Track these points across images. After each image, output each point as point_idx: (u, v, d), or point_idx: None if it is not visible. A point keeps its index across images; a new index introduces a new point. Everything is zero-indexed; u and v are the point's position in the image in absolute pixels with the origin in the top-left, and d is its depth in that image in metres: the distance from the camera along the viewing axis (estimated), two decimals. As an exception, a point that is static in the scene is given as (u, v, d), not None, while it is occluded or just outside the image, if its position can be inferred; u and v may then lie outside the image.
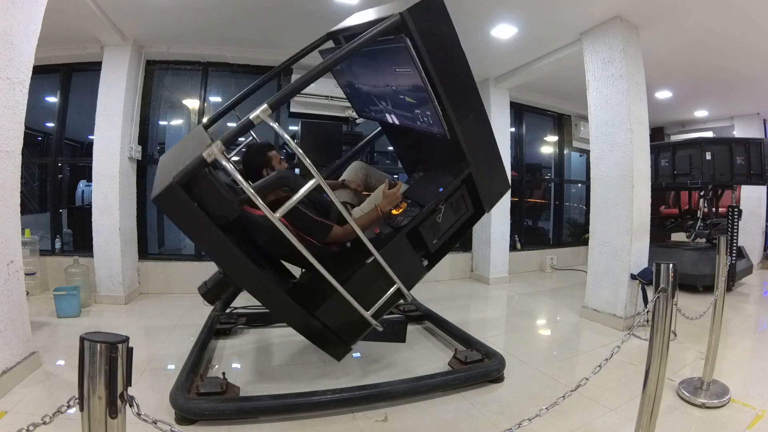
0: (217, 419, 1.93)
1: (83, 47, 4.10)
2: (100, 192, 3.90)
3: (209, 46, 4.29)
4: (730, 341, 3.09)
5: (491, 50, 4.34)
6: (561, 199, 6.91)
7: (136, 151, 4.18)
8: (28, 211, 4.24)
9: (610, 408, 2.11)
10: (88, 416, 0.82)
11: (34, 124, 4.42)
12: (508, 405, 2.17)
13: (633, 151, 3.38)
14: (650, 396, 1.51)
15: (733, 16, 3.44)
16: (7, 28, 2.14)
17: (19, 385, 2.18)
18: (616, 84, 3.49)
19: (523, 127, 6.39)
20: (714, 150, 4.88)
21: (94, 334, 0.81)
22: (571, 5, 3.38)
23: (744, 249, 5.30)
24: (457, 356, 2.56)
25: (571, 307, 4.11)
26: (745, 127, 6.60)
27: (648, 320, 1.54)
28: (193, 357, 2.39)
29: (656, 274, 1.54)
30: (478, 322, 3.77)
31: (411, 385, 2.19)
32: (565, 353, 3.03)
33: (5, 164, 2.20)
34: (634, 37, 3.56)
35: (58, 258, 4.23)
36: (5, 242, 2.20)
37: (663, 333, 1.49)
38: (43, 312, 3.43)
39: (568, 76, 4.98)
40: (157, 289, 4.39)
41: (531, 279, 5.72)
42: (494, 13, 3.61)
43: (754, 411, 2.07)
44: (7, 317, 2.19)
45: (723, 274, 2.34)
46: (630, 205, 3.38)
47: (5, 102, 2.17)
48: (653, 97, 5.60)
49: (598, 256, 3.65)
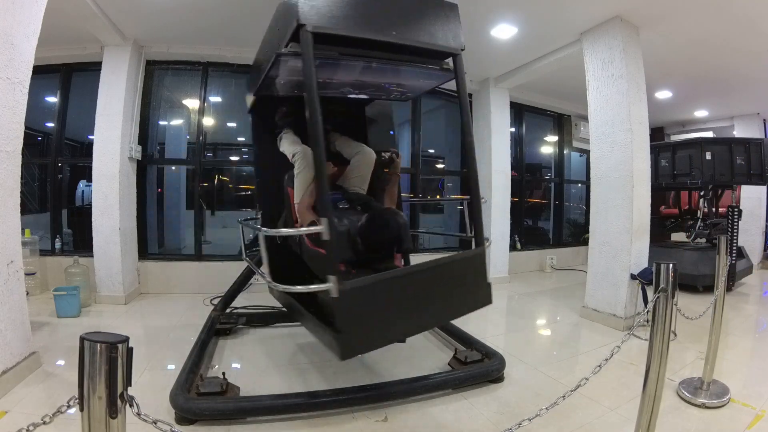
0: (217, 419, 1.93)
1: (83, 47, 4.10)
2: (100, 192, 3.91)
3: (209, 46, 4.29)
4: (730, 341, 3.09)
5: (491, 50, 4.34)
6: (561, 199, 6.91)
7: (136, 151, 4.18)
8: (28, 211, 4.24)
9: (610, 408, 2.11)
10: (88, 416, 0.82)
11: (34, 124, 4.41)
12: (508, 405, 2.17)
13: (633, 151, 3.38)
14: (650, 396, 1.51)
15: (733, 16, 3.44)
16: (7, 28, 2.14)
17: (19, 385, 2.18)
18: (616, 84, 3.49)
19: (523, 127, 6.39)
20: (714, 150, 4.89)
21: (94, 334, 0.81)
22: (571, 5, 3.38)
23: (744, 249, 5.30)
24: (457, 356, 2.56)
25: (571, 307, 4.11)
26: (745, 127, 6.60)
27: (648, 320, 1.54)
28: (193, 357, 2.39)
29: (656, 274, 1.54)
30: (478, 322, 3.76)
31: (411, 385, 2.19)
32: (565, 353, 3.03)
33: (5, 164, 2.20)
34: (634, 37, 3.56)
35: (58, 258, 4.23)
36: (5, 242, 2.21)
37: (663, 333, 1.49)
38: (43, 312, 3.43)
39: (568, 76, 4.98)
40: (157, 289, 4.39)
41: (531, 279, 5.72)
42: (494, 13, 3.61)
43: (754, 411, 2.07)
44: (7, 317, 2.19)
45: (723, 274, 2.34)
46: (630, 205, 3.38)
47: (5, 102, 2.17)
48: (653, 97, 5.60)
49: (598, 256, 3.65)
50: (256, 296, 4.17)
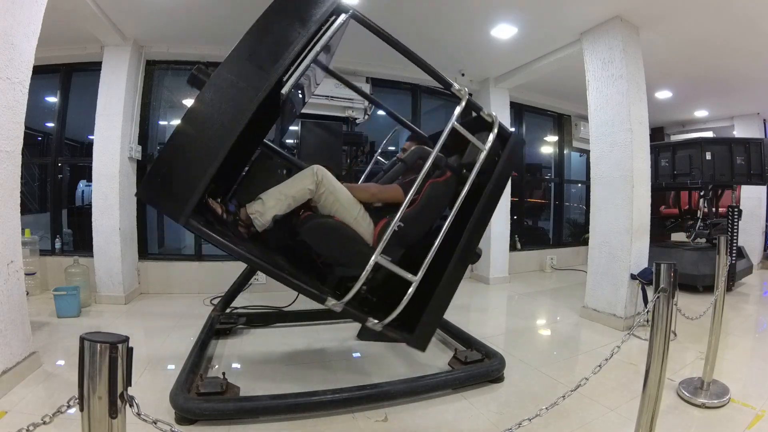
0: (217, 419, 1.93)
1: (83, 47, 4.10)
2: (100, 192, 3.91)
3: (209, 46, 4.29)
4: (730, 341, 3.09)
5: (491, 50, 4.34)
6: (561, 199, 6.91)
7: (136, 151, 4.18)
8: (28, 211, 4.24)
9: (610, 408, 2.11)
10: (88, 416, 0.82)
11: (34, 124, 4.42)
12: (508, 405, 2.17)
13: (633, 151, 3.38)
14: (650, 396, 1.51)
15: (733, 16, 3.44)
16: (7, 28, 2.14)
17: (19, 385, 2.18)
18: (616, 84, 3.49)
19: (523, 127, 6.39)
20: (714, 150, 4.89)
21: (94, 334, 0.81)
22: (571, 5, 3.38)
23: (744, 249, 5.30)
24: (457, 356, 2.56)
25: (571, 307, 4.11)
26: (745, 127, 6.60)
27: (648, 320, 1.54)
28: (193, 357, 2.38)
29: (656, 274, 1.54)
30: (478, 322, 3.77)
31: (411, 385, 2.19)
32: (565, 353, 3.03)
33: (5, 164, 2.20)
34: (634, 37, 3.56)
35: (58, 258, 4.23)
36: (5, 242, 2.20)
37: (663, 333, 1.49)
38: (43, 312, 3.44)
39: (568, 76, 4.98)
40: (157, 289, 4.39)
41: (531, 279, 5.72)
42: (494, 13, 3.61)
43: (754, 411, 2.07)
44: (7, 317, 2.18)
45: (723, 274, 2.34)
46: (630, 205, 3.38)
47: (5, 102, 2.17)
48: (653, 97, 5.61)
49: (598, 256, 3.65)
50: (256, 296, 4.18)
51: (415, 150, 2.55)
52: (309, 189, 2.11)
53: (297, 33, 1.77)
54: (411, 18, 3.70)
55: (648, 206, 3.55)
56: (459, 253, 2.11)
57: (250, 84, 1.71)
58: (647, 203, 3.55)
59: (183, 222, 1.63)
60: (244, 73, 1.73)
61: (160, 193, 1.68)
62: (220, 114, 1.68)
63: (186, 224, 1.65)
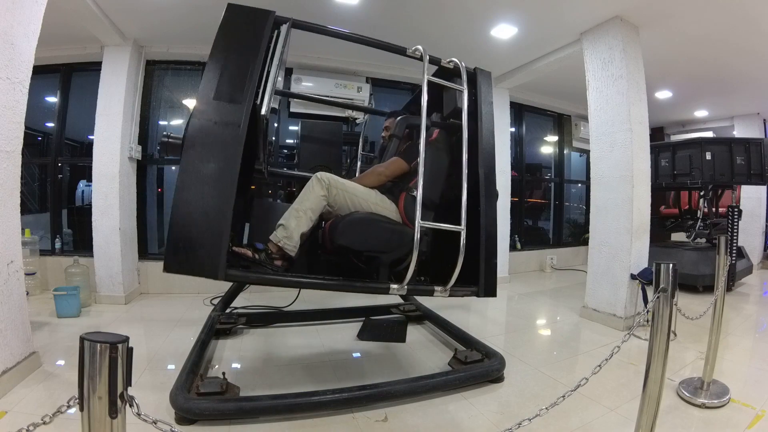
0: (217, 419, 1.92)
1: (83, 47, 4.11)
2: (100, 192, 3.91)
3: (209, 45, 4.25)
4: (730, 341, 3.09)
5: (491, 50, 4.34)
6: (561, 199, 6.91)
7: (136, 151, 4.18)
8: (28, 211, 4.24)
9: (610, 408, 2.11)
10: (88, 416, 0.82)
11: (34, 124, 4.42)
12: (508, 405, 2.17)
13: (633, 151, 3.38)
14: (650, 396, 1.51)
15: (734, 15, 3.44)
16: (7, 28, 2.14)
17: (19, 385, 2.18)
18: (616, 84, 3.49)
19: (523, 127, 6.39)
20: (714, 150, 4.89)
21: (94, 334, 0.81)
22: (571, 5, 3.38)
23: (744, 249, 5.30)
24: (457, 356, 2.56)
25: (571, 307, 4.11)
26: (745, 127, 6.60)
27: (648, 320, 1.54)
28: (193, 357, 2.38)
29: (656, 274, 1.54)
30: (478, 322, 3.77)
31: (411, 385, 2.19)
32: (565, 353, 3.03)
33: (5, 164, 2.20)
34: (634, 37, 3.56)
35: (58, 258, 4.23)
36: (5, 242, 2.20)
37: (663, 333, 1.49)
38: (43, 312, 3.44)
39: (568, 76, 4.99)
40: (157, 289, 4.39)
41: (531, 279, 5.72)
42: (494, 13, 3.61)
43: (754, 411, 2.07)
44: (7, 317, 2.18)
45: (723, 274, 2.34)
46: (630, 205, 3.38)
47: (5, 102, 2.17)
48: (653, 97, 5.61)
49: (598, 256, 3.65)
50: (256, 296, 4.18)
51: (400, 121, 2.60)
52: (322, 195, 2.12)
53: (249, 57, 1.82)
54: (411, 18, 3.71)
55: (648, 206, 3.55)
56: (483, 191, 2.18)
57: (229, 120, 1.71)
58: (647, 203, 3.54)
59: (222, 276, 1.62)
60: (218, 111, 1.72)
61: (187, 260, 1.67)
62: (212, 160, 1.67)
63: (226, 277, 1.64)
